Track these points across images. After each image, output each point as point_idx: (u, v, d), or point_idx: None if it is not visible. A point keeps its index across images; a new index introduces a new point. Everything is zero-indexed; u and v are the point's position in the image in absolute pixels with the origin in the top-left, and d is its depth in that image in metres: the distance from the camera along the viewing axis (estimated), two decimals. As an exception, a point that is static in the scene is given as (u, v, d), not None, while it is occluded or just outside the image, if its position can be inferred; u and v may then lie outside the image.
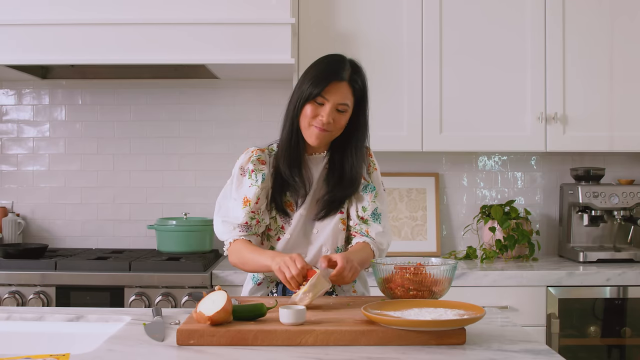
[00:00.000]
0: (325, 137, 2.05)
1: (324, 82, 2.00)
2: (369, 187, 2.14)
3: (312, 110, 2.02)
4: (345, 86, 2.02)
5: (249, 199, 2.08)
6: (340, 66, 2.04)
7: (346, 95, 2.03)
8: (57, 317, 1.91)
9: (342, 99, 2.02)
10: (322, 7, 3.18)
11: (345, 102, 2.03)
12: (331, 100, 2.01)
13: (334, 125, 2.03)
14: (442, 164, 3.55)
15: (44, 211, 3.55)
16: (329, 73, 2.02)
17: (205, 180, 3.52)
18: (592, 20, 3.20)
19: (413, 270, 1.81)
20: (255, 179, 2.09)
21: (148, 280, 2.87)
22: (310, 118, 2.03)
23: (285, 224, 2.12)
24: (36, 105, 3.55)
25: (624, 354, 3.00)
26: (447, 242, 3.53)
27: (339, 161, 2.12)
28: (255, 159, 2.12)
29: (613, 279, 2.95)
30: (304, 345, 1.58)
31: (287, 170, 2.09)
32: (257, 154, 2.13)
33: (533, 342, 1.64)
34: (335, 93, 2.01)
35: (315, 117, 2.02)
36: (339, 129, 2.06)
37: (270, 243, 2.14)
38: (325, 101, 2.01)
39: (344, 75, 2.02)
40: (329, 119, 2.01)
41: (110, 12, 2.96)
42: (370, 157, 2.20)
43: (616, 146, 3.22)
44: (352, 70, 2.05)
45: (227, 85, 3.52)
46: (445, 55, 3.19)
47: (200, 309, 1.64)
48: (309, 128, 2.04)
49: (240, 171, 2.13)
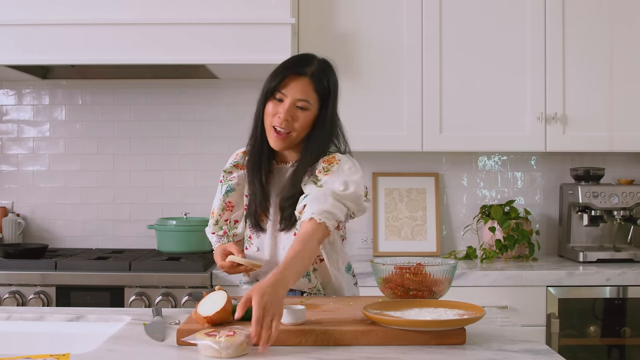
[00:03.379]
0: (286, 140, 1.93)
1: (282, 75, 1.92)
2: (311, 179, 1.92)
3: (272, 108, 1.93)
4: (306, 82, 1.92)
5: (213, 211, 2.12)
6: (304, 62, 1.95)
7: (306, 91, 1.91)
8: (57, 317, 1.91)
9: (301, 94, 1.91)
10: (322, 7, 3.18)
11: (305, 98, 1.91)
12: (289, 95, 1.91)
13: (292, 123, 1.91)
14: (442, 164, 3.55)
15: (44, 211, 3.55)
16: (289, 66, 1.94)
17: (205, 180, 3.52)
18: (591, 20, 3.20)
19: (413, 270, 1.81)
20: (221, 189, 2.09)
21: (148, 280, 2.87)
22: (271, 117, 1.93)
23: (253, 234, 2.06)
24: (36, 105, 3.55)
25: (623, 354, 3.00)
26: (447, 242, 3.53)
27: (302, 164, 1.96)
28: (232, 166, 2.09)
29: (613, 279, 2.95)
30: (304, 345, 1.58)
31: (249, 177, 2.02)
32: (237, 159, 2.10)
33: (533, 342, 1.64)
34: (293, 88, 1.91)
35: (275, 115, 1.92)
36: (299, 129, 1.93)
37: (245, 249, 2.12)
38: (283, 97, 1.91)
39: (305, 71, 1.92)
40: (287, 116, 1.90)
41: (111, 12, 2.96)
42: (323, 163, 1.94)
43: (616, 146, 3.22)
44: (318, 68, 1.95)
45: (227, 85, 3.52)
46: (445, 55, 3.19)
47: (200, 309, 1.64)
48: (270, 131, 1.94)
49: (222, 175, 2.13)
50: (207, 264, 3.01)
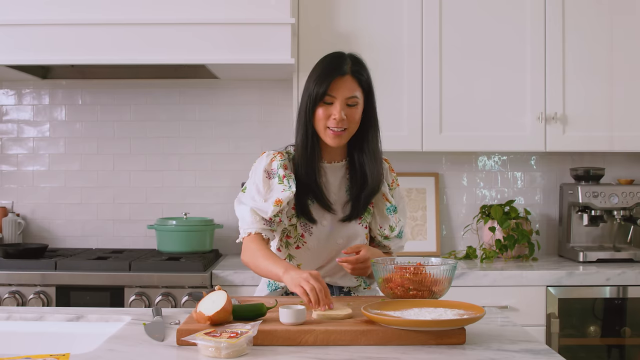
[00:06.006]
0: (343, 136, 2.02)
1: (328, 80, 1.99)
2: (391, 208, 2.12)
3: (324, 112, 2.00)
4: (349, 79, 2.01)
5: (281, 200, 2.00)
6: (341, 61, 2.03)
7: (353, 88, 2.01)
8: (57, 317, 1.91)
9: (349, 92, 2.00)
10: (322, 7, 3.18)
11: (353, 94, 2.01)
12: (339, 96, 2.00)
13: (348, 121, 2.01)
14: (442, 164, 3.55)
15: (44, 211, 3.55)
16: (331, 69, 2.01)
17: (205, 180, 3.52)
18: (592, 20, 3.20)
19: (413, 270, 1.81)
20: (289, 185, 2.02)
21: (148, 280, 2.87)
22: (324, 120, 2.00)
23: (306, 232, 2.07)
24: (36, 105, 3.55)
25: (623, 354, 3.00)
26: (447, 242, 3.53)
27: (357, 160, 2.09)
28: (281, 164, 2.06)
29: (613, 279, 2.95)
30: (304, 345, 1.58)
31: (305, 177, 2.05)
32: (282, 159, 2.07)
33: (533, 342, 1.64)
34: (341, 88, 2.00)
35: (329, 118, 2.00)
36: (354, 124, 2.03)
37: (288, 251, 2.09)
38: (333, 99, 2.00)
39: (345, 69, 2.01)
40: (342, 116, 1.99)
41: (111, 12, 2.96)
42: (392, 172, 2.20)
43: (616, 146, 3.22)
44: (353, 63, 2.04)
45: (227, 85, 3.53)
46: (445, 55, 3.19)
47: (200, 309, 1.65)
48: (325, 131, 2.02)
49: (266, 174, 2.06)
50: (207, 264, 3.01)
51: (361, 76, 2.04)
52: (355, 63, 2.05)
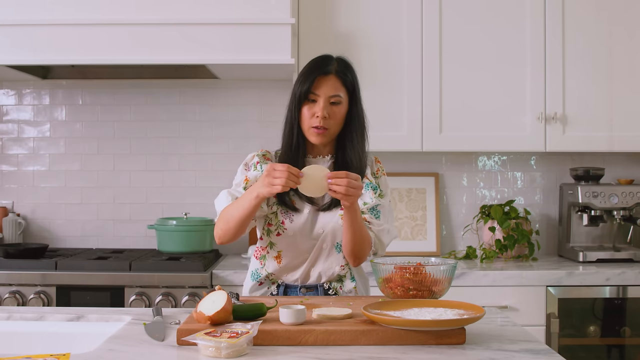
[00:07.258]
0: (326, 134, 2.08)
1: (311, 78, 2.06)
2: (370, 185, 2.16)
3: (308, 110, 2.07)
4: (333, 79, 2.07)
5: (248, 179, 2.12)
6: (326, 62, 2.09)
7: (336, 87, 2.07)
8: (58, 317, 1.91)
9: (332, 90, 2.06)
10: (322, 7, 3.19)
11: (336, 93, 2.06)
12: (322, 94, 2.05)
13: (330, 119, 2.06)
14: (442, 164, 3.55)
15: (44, 211, 3.55)
16: (315, 69, 2.08)
17: (205, 180, 3.53)
18: (591, 20, 3.20)
19: (413, 270, 1.81)
20: (261, 169, 2.12)
21: (148, 280, 2.87)
22: (309, 119, 2.07)
23: (286, 219, 2.12)
24: (36, 105, 3.55)
25: (623, 354, 3.00)
26: (446, 242, 3.54)
27: (341, 157, 2.13)
28: (261, 155, 2.18)
29: (613, 279, 2.95)
30: (304, 345, 1.59)
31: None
32: (263, 153, 2.19)
33: (533, 342, 1.64)
34: (324, 86, 2.05)
35: (313, 117, 2.06)
36: (337, 123, 2.08)
37: (269, 238, 2.14)
38: (316, 97, 2.06)
39: (330, 69, 2.07)
40: (324, 113, 2.04)
41: (111, 12, 2.96)
42: (378, 163, 2.24)
43: (616, 146, 3.22)
44: (339, 64, 2.10)
45: (227, 86, 3.53)
46: (445, 55, 3.19)
47: (201, 309, 1.65)
48: (309, 130, 2.08)
49: (245, 166, 2.18)
50: (207, 264, 3.01)
51: (345, 77, 2.09)
52: (341, 64, 2.11)
